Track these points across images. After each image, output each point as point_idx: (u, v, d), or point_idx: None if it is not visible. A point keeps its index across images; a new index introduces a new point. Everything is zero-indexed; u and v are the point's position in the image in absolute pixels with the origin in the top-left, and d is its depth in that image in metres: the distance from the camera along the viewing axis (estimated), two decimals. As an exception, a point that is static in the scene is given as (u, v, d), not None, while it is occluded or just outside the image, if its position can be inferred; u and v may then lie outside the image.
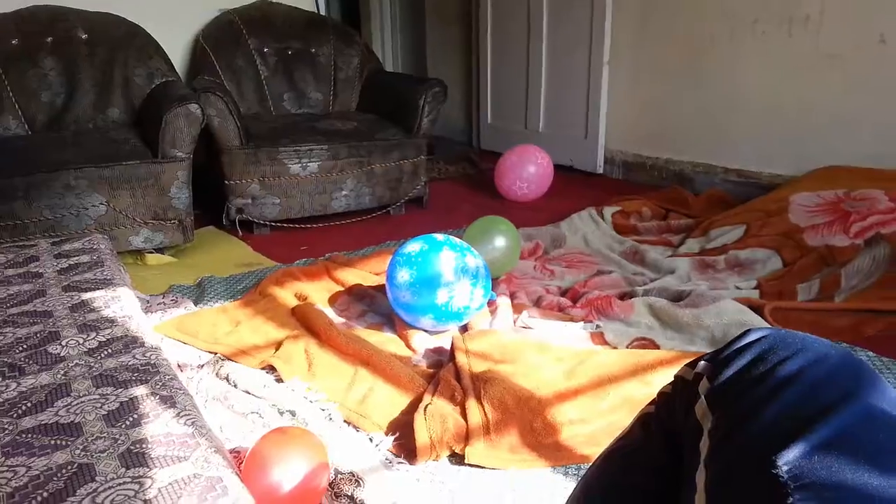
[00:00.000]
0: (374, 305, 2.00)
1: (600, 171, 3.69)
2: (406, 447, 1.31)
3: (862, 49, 2.52)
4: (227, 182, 2.72)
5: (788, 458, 0.42)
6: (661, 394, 0.63)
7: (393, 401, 1.45)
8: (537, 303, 1.97)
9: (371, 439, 1.34)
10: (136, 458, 1.03)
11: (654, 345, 1.69)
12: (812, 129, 2.74)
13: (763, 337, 0.54)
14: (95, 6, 2.91)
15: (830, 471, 0.41)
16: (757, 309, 1.75)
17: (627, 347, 1.69)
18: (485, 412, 1.33)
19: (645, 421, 0.64)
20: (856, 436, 0.44)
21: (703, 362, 0.56)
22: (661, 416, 0.62)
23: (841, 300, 1.83)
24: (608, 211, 2.74)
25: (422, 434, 1.28)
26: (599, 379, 1.45)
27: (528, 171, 3.19)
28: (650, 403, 0.64)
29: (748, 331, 0.56)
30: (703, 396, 0.53)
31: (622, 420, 1.34)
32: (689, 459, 0.51)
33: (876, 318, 1.72)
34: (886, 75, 2.47)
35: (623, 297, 1.95)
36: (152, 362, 1.29)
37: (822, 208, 2.18)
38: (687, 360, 1.45)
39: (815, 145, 2.72)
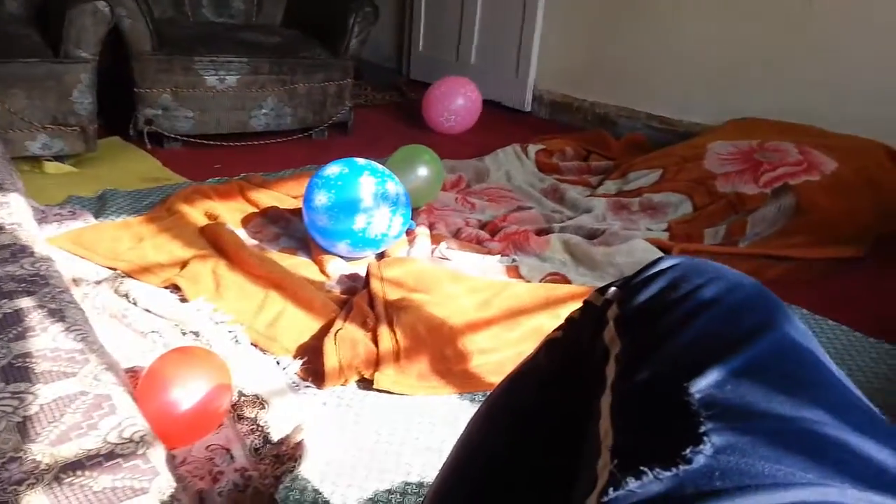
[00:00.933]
0: (288, 229, 1.94)
1: (528, 109, 3.67)
2: (314, 371, 1.29)
3: (790, 6, 2.57)
4: (136, 90, 2.54)
5: (701, 386, 0.41)
6: (568, 319, 0.62)
7: (303, 325, 1.42)
8: (456, 234, 1.96)
9: (278, 363, 1.32)
10: (17, 372, 0.97)
11: (566, 280, 1.71)
12: (734, 80, 2.80)
13: (676, 264, 0.53)
14: None
15: (743, 399, 0.40)
16: (665, 250, 1.80)
17: (541, 282, 1.71)
18: (396, 339, 1.32)
19: (551, 346, 0.63)
20: (770, 365, 0.43)
21: (613, 288, 0.55)
22: (568, 342, 0.61)
23: (745, 246, 1.90)
24: (532, 148, 2.74)
25: (331, 358, 1.26)
26: (511, 310, 1.47)
27: (457, 104, 3.14)
28: (557, 329, 0.63)
29: (661, 258, 0.54)
30: (611, 321, 0.52)
31: (531, 349, 1.36)
32: (594, 384, 0.50)
33: (775, 263, 1.81)
34: (800, 33, 2.53)
35: (540, 232, 1.96)
36: (41, 273, 1.21)
37: (736, 157, 2.25)
38: (597, 295, 1.46)
39: (736, 97, 2.78)
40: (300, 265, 1.73)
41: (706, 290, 0.49)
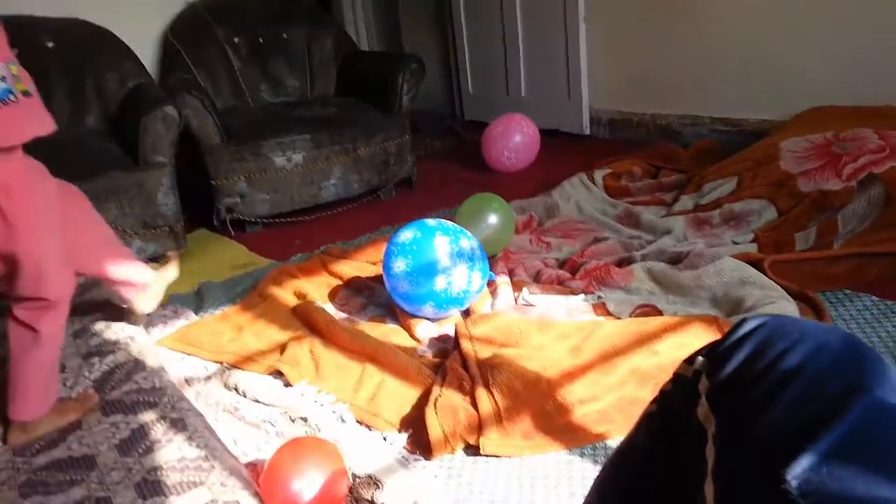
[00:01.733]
0: (373, 297, 2.00)
1: (587, 132, 3.65)
2: (420, 443, 1.31)
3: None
4: (213, 182, 2.69)
5: (797, 472, 0.41)
6: (661, 392, 0.62)
7: (403, 396, 1.45)
8: (536, 278, 1.97)
9: (385, 438, 1.35)
10: (152, 487, 1.03)
11: (656, 311, 1.69)
12: (793, 70, 2.71)
13: (759, 326, 0.52)
14: (59, 12, 2.84)
15: (841, 483, 0.40)
16: (756, 264, 1.74)
17: (631, 316, 1.69)
18: (495, 400, 1.33)
19: (648, 422, 0.63)
20: (864, 438, 0.42)
21: (700, 358, 0.55)
22: (664, 416, 0.61)
23: (839, 245, 1.82)
24: (599, 174, 2.72)
25: (434, 428, 1.28)
26: (605, 353, 1.46)
27: (515, 141, 3.16)
28: (652, 402, 0.64)
29: (744, 320, 0.54)
30: (703, 396, 0.52)
31: (632, 393, 1.35)
32: (696, 466, 0.50)
33: (874, 261, 1.72)
34: (863, 10, 2.43)
35: (621, 263, 1.94)
36: (158, 386, 1.29)
37: (812, 153, 2.17)
38: (690, 326, 1.43)
39: (798, 86, 2.69)
40: (390, 333, 1.77)
41: (791, 356, 0.48)
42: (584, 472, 1.20)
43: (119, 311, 1.72)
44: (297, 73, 3.32)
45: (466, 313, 1.80)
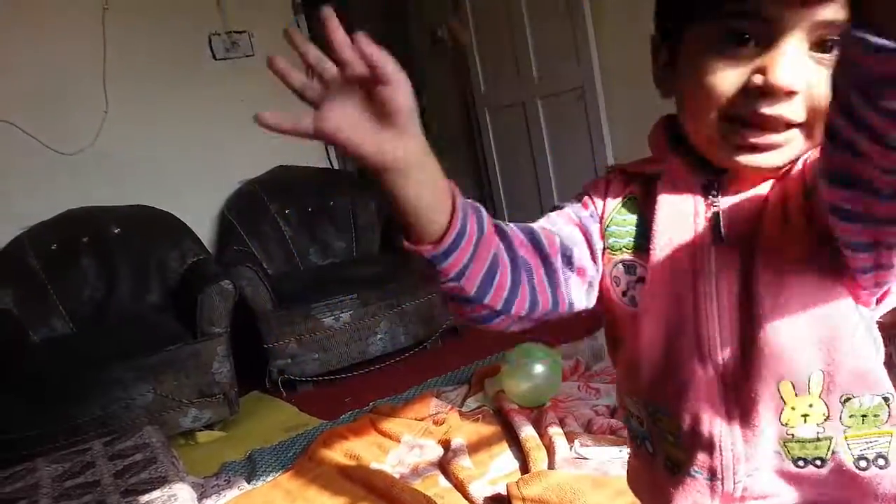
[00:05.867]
0: (423, 455, 1.98)
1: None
2: None
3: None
4: (265, 346, 2.78)
5: None
6: None
7: (458, 565, 1.41)
8: (588, 427, 1.93)
9: None
10: None
11: (714, 458, 1.63)
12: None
13: None
14: (126, 200, 3.11)
15: None
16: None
17: (688, 464, 1.64)
18: (553, 568, 1.28)
19: None
20: None
21: None
22: None
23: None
24: (642, 312, 2.71)
25: None
26: (665, 509, 1.40)
27: (556, 283, 3.20)
28: None
29: None
30: None
31: (697, 554, 1.28)
32: None
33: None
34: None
35: (673, 407, 1.90)
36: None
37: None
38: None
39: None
40: (444, 493, 1.75)
41: None
42: None
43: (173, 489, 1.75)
44: (343, 235, 3.49)
45: (524, 468, 1.77)
